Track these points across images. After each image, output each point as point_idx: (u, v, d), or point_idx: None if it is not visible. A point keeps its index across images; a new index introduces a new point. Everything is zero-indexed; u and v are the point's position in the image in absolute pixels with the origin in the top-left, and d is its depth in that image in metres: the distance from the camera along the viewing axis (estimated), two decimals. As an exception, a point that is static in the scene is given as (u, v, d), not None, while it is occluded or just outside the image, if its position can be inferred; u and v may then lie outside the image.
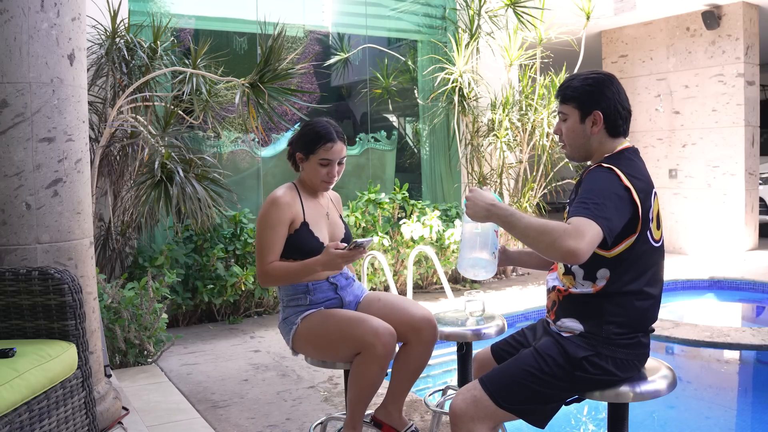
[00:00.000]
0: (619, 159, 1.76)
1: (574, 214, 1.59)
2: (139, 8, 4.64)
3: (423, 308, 2.29)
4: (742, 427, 3.29)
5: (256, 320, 4.89)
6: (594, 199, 1.61)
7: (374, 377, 2.12)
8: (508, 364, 1.79)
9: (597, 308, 1.74)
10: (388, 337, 2.10)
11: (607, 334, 1.73)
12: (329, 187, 2.35)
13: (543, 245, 1.56)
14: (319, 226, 2.30)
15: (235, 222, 4.83)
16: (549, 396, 1.73)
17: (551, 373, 1.72)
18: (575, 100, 1.79)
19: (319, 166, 2.27)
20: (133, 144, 4.12)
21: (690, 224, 7.54)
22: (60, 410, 2.11)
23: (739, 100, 7.05)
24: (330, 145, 2.24)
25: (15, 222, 2.43)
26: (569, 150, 1.87)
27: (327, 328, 2.19)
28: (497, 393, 1.71)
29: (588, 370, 1.71)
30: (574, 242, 1.52)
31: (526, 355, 1.78)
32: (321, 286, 2.29)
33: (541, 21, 6.00)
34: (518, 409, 1.72)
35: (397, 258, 5.46)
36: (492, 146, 6.17)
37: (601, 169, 1.72)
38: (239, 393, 3.34)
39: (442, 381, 3.79)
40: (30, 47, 2.41)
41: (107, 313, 3.55)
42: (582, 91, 1.78)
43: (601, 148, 1.81)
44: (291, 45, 5.03)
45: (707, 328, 4.29)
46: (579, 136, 1.81)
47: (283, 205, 2.22)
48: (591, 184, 1.68)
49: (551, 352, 1.75)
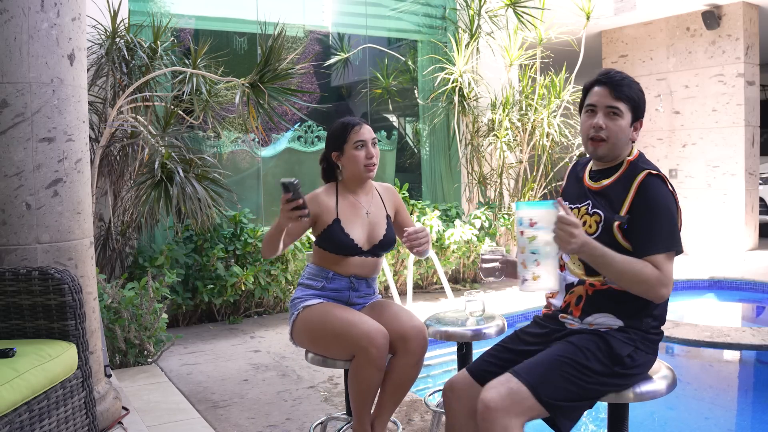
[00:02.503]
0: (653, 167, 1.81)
1: (656, 249, 1.67)
2: (139, 8, 4.64)
3: (415, 319, 2.26)
4: (742, 427, 3.28)
5: (256, 320, 4.89)
6: (668, 227, 1.70)
7: (372, 379, 2.13)
8: (543, 356, 1.71)
9: (637, 301, 1.74)
10: (381, 339, 2.11)
11: (647, 327, 1.77)
12: (374, 170, 2.35)
13: (637, 291, 1.68)
14: (353, 224, 2.32)
15: (235, 222, 4.83)
16: (585, 392, 1.68)
17: (590, 367, 1.68)
18: (632, 102, 1.79)
19: (355, 151, 2.30)
20: (133, 144, 4.12)
21: (690, 224, 7.54)
22: (60, 410, 2.11)
23: (739, 100, 7.05)
24: (357, 128, 2.32)
25: (15, 222, 2.43)
26: (608, 148, 1.80)
27: (324, 324, 2.21)
28: (537, 384, 1.63)
29: (627, 365, 1.72)
30: (666, 290, 1.67)
31: (563, 348, 1.72)
32: (340, 280, 2.33)
33: (541, 21, 6.00)
34: (555, 405, 1.64)
35: (397, 258, 5.46)
36: (492, 146, 6.17)
37: (660, 181, 1.76)
38: (239, 393, 3.34)
39: (442, 381, 3.79)
40: (30, 47, 2.41)
41: (107, 313, 3.55)
42: (639, 96, 1.81)
43: (627, 151, 1.85)
44: (291, 45, 5.02)
45: (707, 328, 4.29)
46: (623, 135, 1.80)
47: (313, 198, 2.31)
48: (665, 209, 1.72)
49: (590, 346, 1.71)
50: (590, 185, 1.86)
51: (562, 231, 1.61)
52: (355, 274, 2.34)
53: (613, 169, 1.84)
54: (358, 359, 2.12)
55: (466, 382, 1.84)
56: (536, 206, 1.66)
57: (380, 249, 2.37)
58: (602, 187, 1.83)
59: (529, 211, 1.65)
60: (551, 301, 1.92)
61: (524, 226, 1.65)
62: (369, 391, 2.15)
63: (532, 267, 1.65)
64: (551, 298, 1.92)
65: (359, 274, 2.35)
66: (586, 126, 1.83)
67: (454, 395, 1.85)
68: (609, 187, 1.81)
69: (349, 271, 2.33)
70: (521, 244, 1.66)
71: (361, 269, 2.35)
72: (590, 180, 1.88)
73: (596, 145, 1.80)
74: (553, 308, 1.91)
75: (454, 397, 1.85)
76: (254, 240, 4.76)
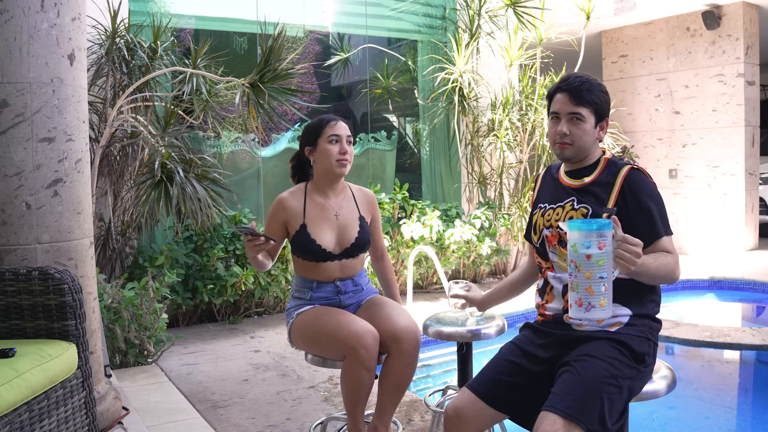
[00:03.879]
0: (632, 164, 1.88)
1: (662, 233, 1.76)
2: (139, 8, 4.64)
3: (408, 319, 2.23)
4: (742, 427, 3.28)
5: (256, 320, 4.89)
6: (663, 212, 1.79)
7: (361, 380, 2.12)
8: (580, 383, 1.60)
9: (636, 286, 1.76)
10: (370, 339, 2.11)
11: (652, 313, 1.81)
12: (347, 166, 2.32)
13: (663, 281, 1.74)
14: (320, 228, 2.30)
15: (235, 222, 4.82)
16: (625, 401, 1.65)
17: (624, 376, 1.65)
18: (593, 105, 1.83)
19: (329, 145, 2.29)
20: (133, 144, 4.12)
21: (690, 224, 7.54)
22: (60, 410, 2.11)
23: (739, 100, 7.05)
24: (333, 123, 2.31)
25: (15, 222, 2.43)
26: (574, 151, 1.85)
27: (317, 326, 2.22)
28: (592, 421, 1.54)
29: (647, 362, 1.73)
30: (680, 270, 1.75)
31: (592, 367, 1.63)
32: (325, 287, 2.32)
33: (541, 21, 6.00)
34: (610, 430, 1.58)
35: (397, 258, 5.46)
36: (492, 146, 6.17)
37: (643, 174, 1.81)
38: (239, 393, 3.34)
39: (442, 381, 3.79)
40: (30, 47, 2.41)
41: (107, 313, 3.55)
42: (600, 98, 1.85)
43: (596, 150, 1.89)
44: (291, 45, 5.03)
45: (707, 328, 4.29)
46: (589, 138, 1.84)
47: (279, 205, 2.32)
48: (655, 196, 1.79)
49: (614, 354, 1.67)
50: (571, 183, 1.89)
51: (627, 252, 1.55)
52: (337, 278, 2.33)
53: (590, 168, 1.88)
54: (348, 360, 2.12)
55: (476, 406, 1.75)
56: (597, 226, 1.54)
57: (353, 251, 2.34)
58: (584, 184, 1.86)
59: (596, 232, 1.54)
60: (548, 306, 1.87)
61: (592, 248, 1.53)
62: (359, 391, 2.15)
63: (600, 291, 1.55)
64: (547, 303, 1.88)
65: (342, 277, 2.34)
66: (551, 133, 1.89)
67: (462, 423, 1.75)
68: (592, 184, 1.84)
69: (331, 276, 2.32)
70: (588, 268, 1.54)
71: (341, 272, 2.34)
72: (569, 179, 1.91)
73: (563, 147, 1.86)
74: (554, 314, 1.85)
75: (462, 424, 1.75)
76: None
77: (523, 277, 2.15)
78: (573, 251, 1.56)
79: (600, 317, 1.58)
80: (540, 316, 1.91)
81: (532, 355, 1.81)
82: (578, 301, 1.57)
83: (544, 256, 1.90)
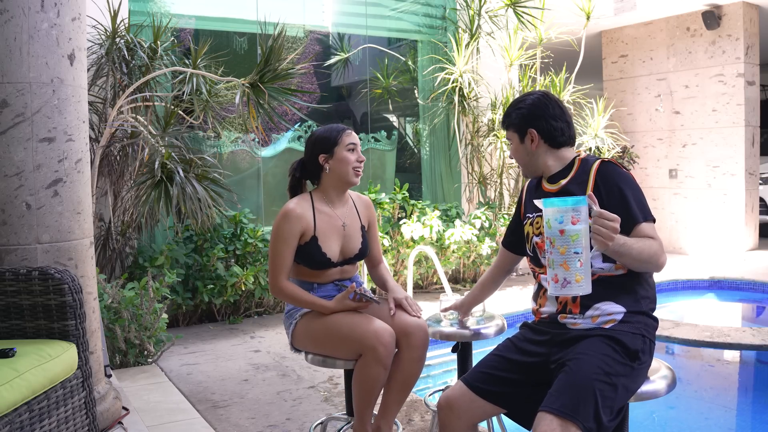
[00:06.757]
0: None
1: (644, 219, 1.76)
2: (139, 8, 4.64)
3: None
4: (742, 427, 3.28)
5: (256, 320, 4.90)
6: (641, 197, 1.80)
7: (378, 378, 2.13)
8: (573, 381, 1.61)
9: (629, 282, 1.78)
10: (388, 337, 2.12)
11: (647, 309, 1.80)
12: (360, 174, 2.34)
13: (647, 267, 1.73)
14: (329, 240, 2.30)
15: (235, 222, 4.83)
16: (620, 400, 1.65)
17: (617, 373, 1.65)
18: (513, 126, 1.97)
19: (347, 153, 2.30)
20: (133, 144, 4.12)
21: (690, 224, 7.54)
22: (60, 410, 2.11)
23: (739, 100, 7.05)
24: (349, 131, 2.34)
25: (15, 222, 2.43)
26: (522, 169, 2.02)
27: (327, 327, 2.20)
28: (587, 418, 1.54)
29: (641, 359, 1.73)
30: (665, 257, 1.74)
31: (584, 364, 1.64)
32: (326, 288, 2.33)
33: (541, 21, 6.01)
34: (607, 427, 1.58)
35: (397, 258, 5.46)
36: (492, 146, 6.17)
37: (615, 165, 1.85)
38: (239, 393, 3.34)
39: (443, 381, 3.79)
40: (30, 47, 2.41)
41: (107, 313, 3.56)
42: (515, 116, 1.95)
43: (551, 159, 1.93)
44: (291, 45, 5.03)
45: (707, 328, 4.29)
46: (524, 154, 1.96)
47: (294, 219, 2.25)
48: (630, 183, 1.81)
49: (606, 351, 1.67)
50: (550, 188, 1.93)
51: (603, 227, 1.56)
52: (336, 279, 2.36)
53: (566, 170, 1.92)
54: (365, 358, 2.11)
55: (466, 398, 1.79)
56: (572, 203, 1.54)
57: (356, 260, 2.40)
58: (561, 186, 1.90)
59: (571, 207, 1.54)
60: (542, 310, 1.89)
61: (565, 224, 1.54)
62: (374, 391, 2.15)
63: (576, 267, 1.55)
64: (541, 307, 1.89)
65: (341, 278, 2.37)
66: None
67: (453, 414, 1.79)
68: (567, 184, 1.88)
69: (331, 279, 2.35)
70: (562, 243, 1.55)
71: (341, 275, 2.37)
72: (549, 184, 1.95)
73: (520, 168, 2.04)
74: (549, 316, 1.86)
75: (453, 415, 1.79)
76: (254, 240, 4.76)
77: (491, 278, 2.27)
78: (548, 227, 1.57)
79: (576, 293, 1.57)
80: (536, 318, 1.95)
81: (526, 350, 1.85)
82: (554, 278, 1.58)
83: (536, 263, 1.94)
